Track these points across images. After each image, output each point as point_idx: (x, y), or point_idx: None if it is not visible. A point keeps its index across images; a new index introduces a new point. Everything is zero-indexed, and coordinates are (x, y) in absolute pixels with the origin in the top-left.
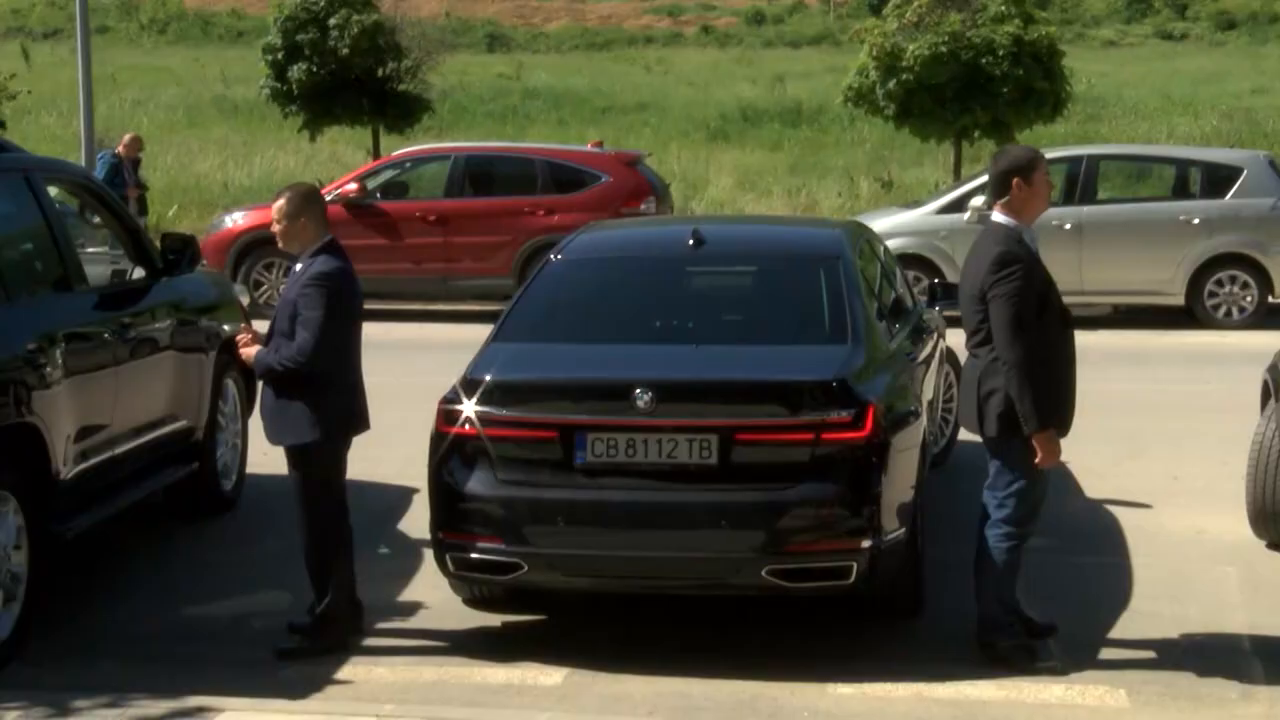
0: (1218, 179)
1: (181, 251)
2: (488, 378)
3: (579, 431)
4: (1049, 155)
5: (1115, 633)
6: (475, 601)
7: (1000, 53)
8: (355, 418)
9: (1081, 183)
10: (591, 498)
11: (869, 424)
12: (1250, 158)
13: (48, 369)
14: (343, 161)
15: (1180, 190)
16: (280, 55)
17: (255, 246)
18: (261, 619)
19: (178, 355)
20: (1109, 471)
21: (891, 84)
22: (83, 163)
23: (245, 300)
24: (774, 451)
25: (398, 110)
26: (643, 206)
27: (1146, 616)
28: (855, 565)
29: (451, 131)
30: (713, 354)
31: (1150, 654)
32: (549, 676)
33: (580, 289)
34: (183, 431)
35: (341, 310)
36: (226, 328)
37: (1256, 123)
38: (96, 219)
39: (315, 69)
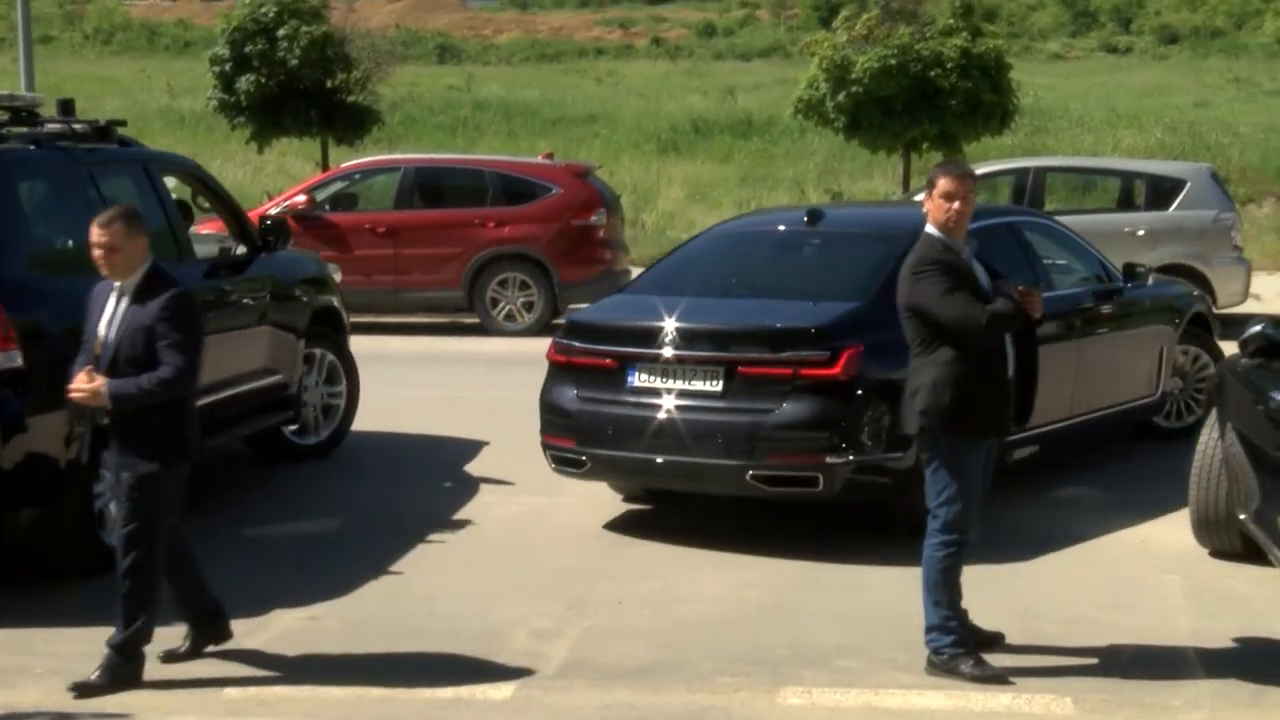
0: (1162, 191)
1: (277, 233)
2: (576, 318)
3: (630, 361)
4: (996, 167)
5: (1061, 641)
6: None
7: (948, 65)
8: (199, 441)
9: (1028, 194)
10: (632, 414)
11: (841, 364)
12: (1193, 170)
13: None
14: (291, 173)
15: (1125, 202)
16: (228, 66)
17: None
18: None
19: (273, 319)
20: (1053, 479)
21: (841, 96)
22: None
23: (339, 277)
24: (765, 382)
25: (347, 122)
26: (593, 218)
27: (1092, 625)
28: (821, 477)
29: (401, 143)
30: (739, 305)
31: (1095, 662)
32: (498, 691)
33: (693, 253)
34: (279, 384)
35: (202, 332)
36: (316, 299)
37: (1199, 135)
38: (206, 204)
39: (263, 80)
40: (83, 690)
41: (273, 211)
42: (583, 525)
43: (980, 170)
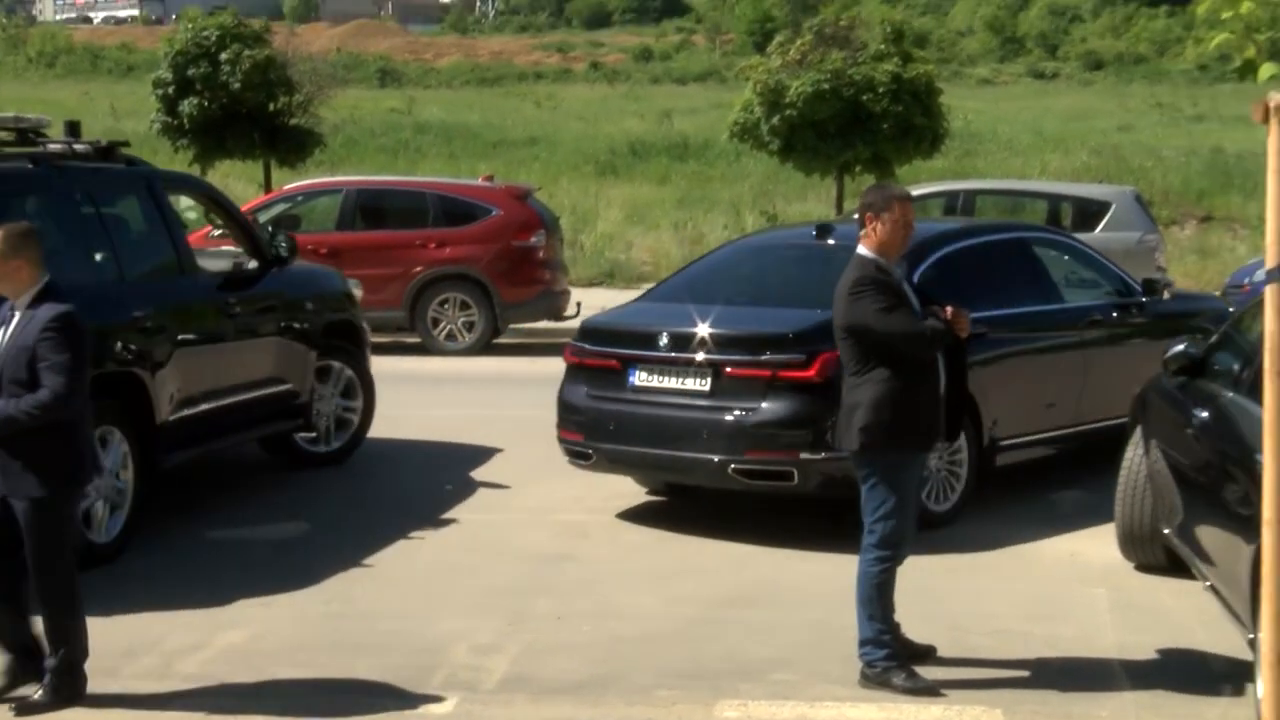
0: (1088, 213)
1: (288, 248)
2: (587, 323)
3: (631, 363)
4: (928, 190)
5: (991, 653)
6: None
7: (880, 90)
8: (94, 463)
9: (959, 215)
10: (631, 410)
11: (816, 367)
12: (1118, 193)
13: (153, 334)
14: (234, 195)
15: (1052, 223)
16: (171, 89)
17: None
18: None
19: (283, 331)
20: (985, 496)
21: (775, 120)
22: None
23: (359, 293)
24: (747, 383)
25: (289, 144)
26: (533, 239)
27: (1021, 637)
28: (796, 472)
29: (343, 165)
30: (731, 312)
31: (1025, 673)
32: (439, 706)
33: (706, 265)
34: (288, 393)
35: (86, 354)
36: (331, 314)
37: (1123, 159)
38: (218, 220)
39: (206, 103)
40: (24, 709)
41: (214, 233)
42: (522, 543)
43: (914, 193)
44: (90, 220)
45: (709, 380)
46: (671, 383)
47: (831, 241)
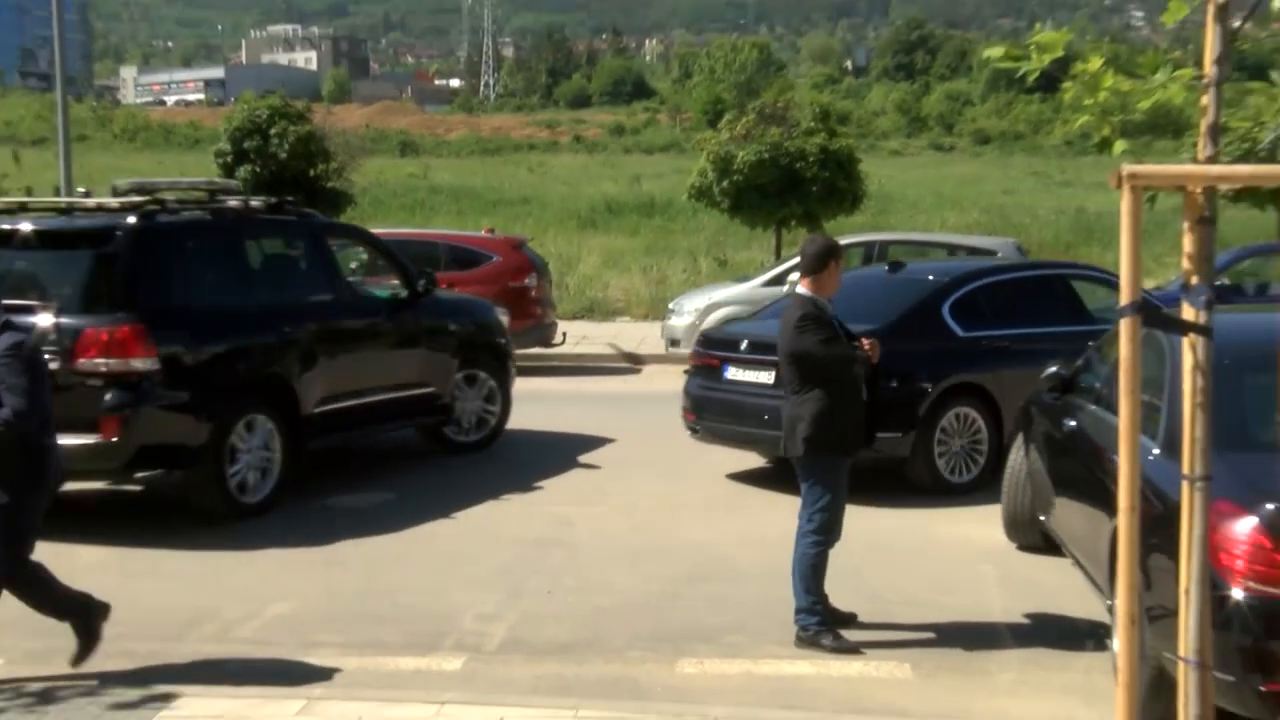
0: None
1: (429, 282)
2: (702, 333)
3: (725, 361)
4: (849, 240)
5: (902, 619)
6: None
7: (810, 159)
8: (56, 473)
9: (874, 262)
10: (721, 398)
11: None
12: (1003, 243)
13: (298, 347)
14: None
15: None
16: (229, 158)
17: None
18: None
19: (428, 345)
20: (897, 490)
21: (725, 183)
22: None
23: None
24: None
25: (326, 203)
26: (527, 281)
27: (926, 606)
28: None
29: (370, 220)
30: None
31: (930, 635)
32: (450, 664)
33: None
34: (432, 395)
35: (42, 376)
36: (475, 334)
37: (1007, 216)
38: (379, 259)
39: (258, 170)
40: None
41: None
42: (518, 531)
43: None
44: (255, 258)
45: (771, 374)
46: (747, 376)
47: (898, 275)
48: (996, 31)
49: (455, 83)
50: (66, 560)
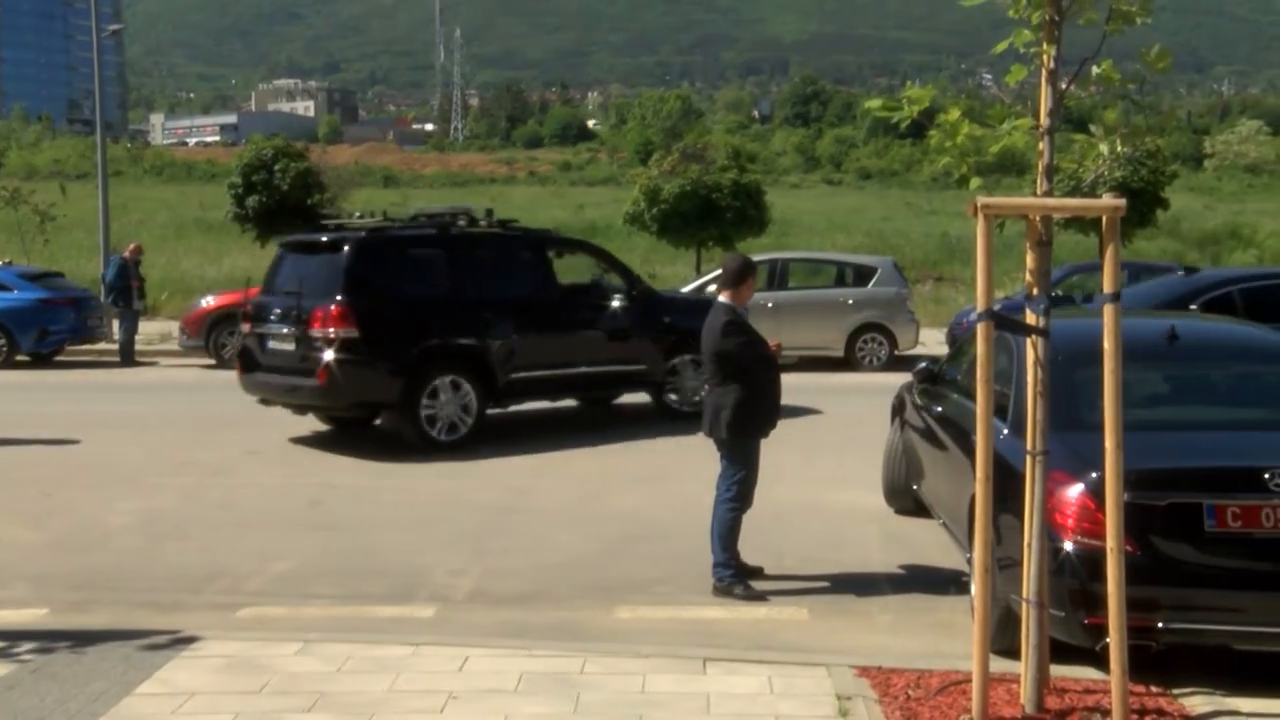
0: (862, 274)
1: (637, 284)
2: None
3: None
4: (757, 259)
5: (801, 571)
6: None
7: (725, 191)
8: None
9: (777, 276)
10: None
11: None
12: (882, 261)
13: (497, 328)
14: None
15: (839, 281)
16: (240, 190)
17: (222, 320)
18: None
19: (640, 334)
20: (797, 466)
21: (654, 210)
22: (100, 264)
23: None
24: None
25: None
26: None
27: (820, 561)
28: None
29: None
30: None
31: (824, 584)
32: (424, 612)
33: None
34: (644, 372)
35: None
36: (685, 324)
37: (885, 239)
38: (602, 265)
39: (264, 199)
40: None
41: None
42: (483, 499)
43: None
44: (466, 262)
45: None
46: None
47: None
48: (875, 88)
49: (430, 126)
50: (99, 525)
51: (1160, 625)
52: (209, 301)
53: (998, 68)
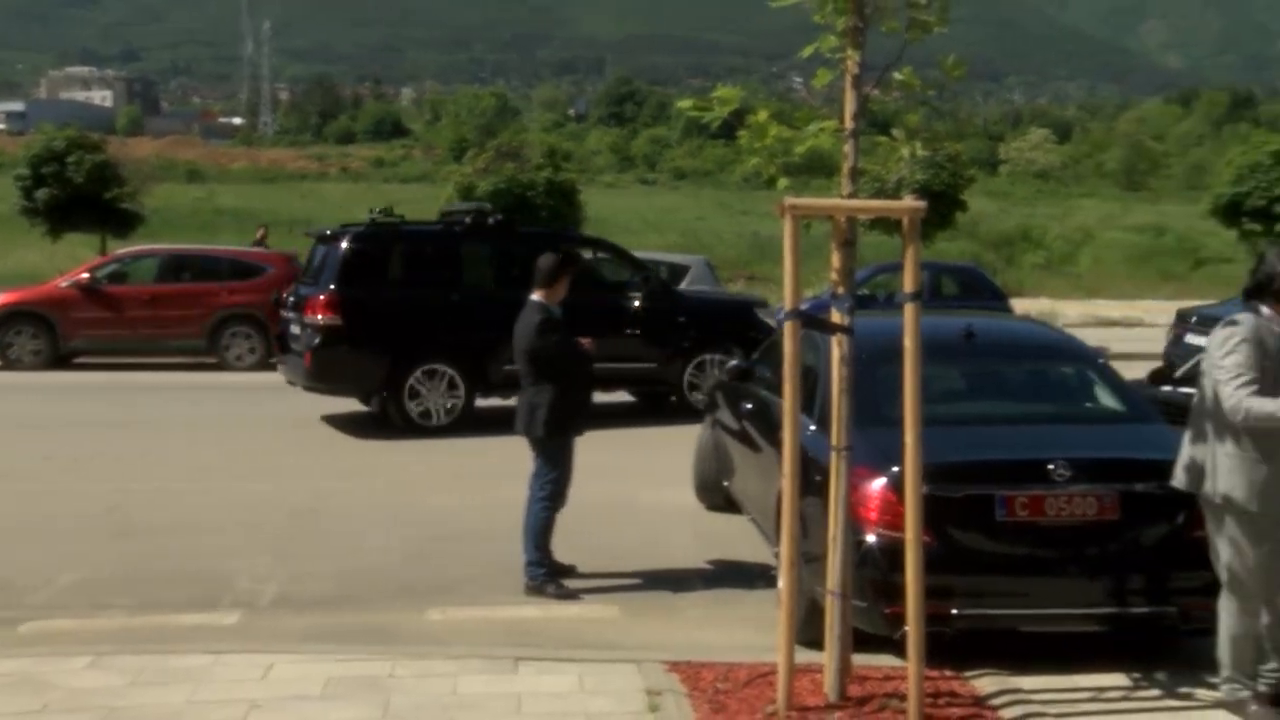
0: (677, 273)
1: (656, 281)
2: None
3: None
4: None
5: (613, 569)
6: None
7: (539, 189)
8: None
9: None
10: None
11: None
12: (696, 260)
13: (487, 321)
14: (77, 257)
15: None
16: (29, 182)
17: (7, 319)
18: None
19: (644, 330)
20: (609, 465)
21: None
22: None
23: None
24: None
25: (120, 222)
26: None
27: (632, 556)
28: None
29: (160, 237)
30: None
31: (636, 581)
32: (227, 619)
33: None
34: (649, 370)
35: None
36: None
37: (699, 238)
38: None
39: (55, 193)
40: None
41: (63, 284)
42: (292, 503)
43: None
44: (481, 258)
45: None
46: None
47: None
48: (689, 88)
49: (238, 120)
50: None
51: (954, 612)
52: None
53: (807, 71)
